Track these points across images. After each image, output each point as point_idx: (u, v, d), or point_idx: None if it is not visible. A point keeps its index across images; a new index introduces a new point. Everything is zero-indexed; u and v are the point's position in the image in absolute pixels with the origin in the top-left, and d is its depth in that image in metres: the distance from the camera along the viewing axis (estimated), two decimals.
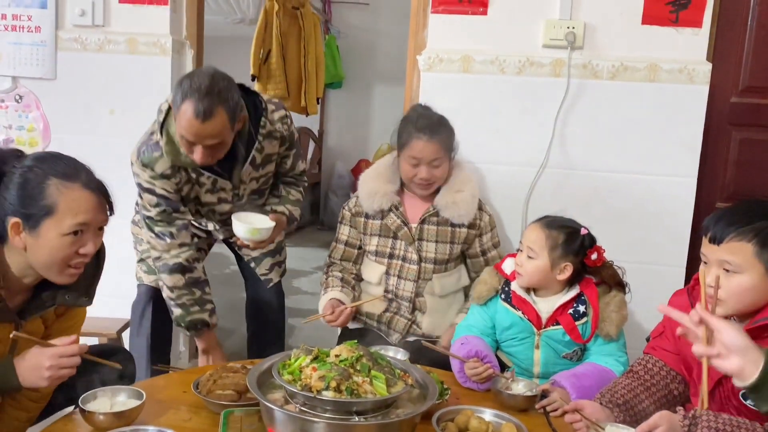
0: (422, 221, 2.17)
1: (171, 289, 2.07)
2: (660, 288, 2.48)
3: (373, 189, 2.20)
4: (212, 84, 1.81)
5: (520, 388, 1.71)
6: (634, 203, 2.53)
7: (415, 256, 2.17)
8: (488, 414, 1.53)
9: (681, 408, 1.33)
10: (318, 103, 5.80)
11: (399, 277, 2.19)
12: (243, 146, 2.04)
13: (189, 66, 2.81)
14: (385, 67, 6.63)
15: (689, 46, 2.45)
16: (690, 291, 1.59)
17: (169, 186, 2.01)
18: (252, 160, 2.07)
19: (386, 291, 2.21)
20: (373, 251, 2.23)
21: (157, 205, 2.02)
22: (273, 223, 2.08)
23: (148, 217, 2.04)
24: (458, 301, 2.26)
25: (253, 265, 2.41)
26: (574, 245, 1.83)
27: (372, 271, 2.24)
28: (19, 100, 2.74)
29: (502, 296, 1.93)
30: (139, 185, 2.03)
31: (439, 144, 2.11)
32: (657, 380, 1.60)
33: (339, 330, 2.34)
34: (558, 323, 1.84)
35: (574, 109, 2.50)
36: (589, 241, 1.86)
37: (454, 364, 1.81)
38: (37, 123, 2.74)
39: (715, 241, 1.39)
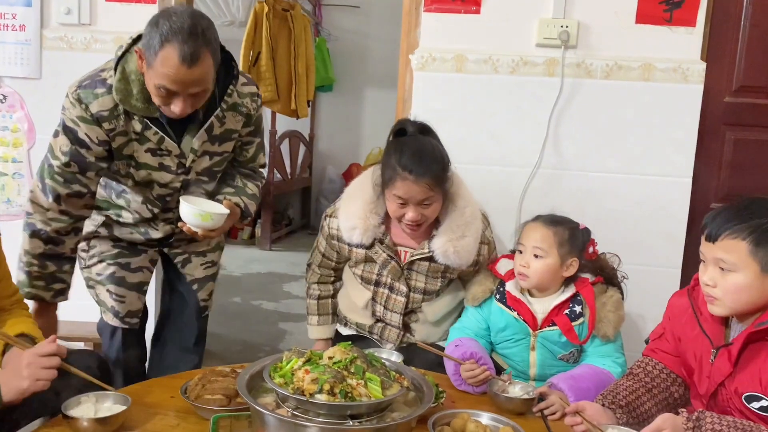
0: (414, 258, 1.96)
1: (25, 252, 1.82)
2: (655, 289, 2.47)
3: (352, 224, 1.93)
4: (195, 23, 1.61)
5: (516, 391, 1.68)
6: (628, 204, 2.51)
7: (403, 287, 1.98)
8: (485, 417, 1.49)
9: (684, 410, 1.30)
10: (309, 106, 5.78)
11: (385, 307, 2.02)
12: (202, 109, 1.80)
13: None
14: (376, 70, 6.61)
15: (683, 46, 2.43)
16: (690, 292, 1.56)
17: (94, 133, 1.73)
18: (209, 127, 1.82)
19: (374, 315, 2.06)
20: (359, 275, 2.04)
21: (66, 155, 1.75)
22: (227, 211, 1.82)
23: (49, 165, 1.78)
24: (457, 316, 2.07)
25: (195, 287, 2.12)
26: (578, 240, 1.83)
27: (358, 294, 2.06)
28: (3, 101, 2.68)
29: (497, 297, 1.89)
30: (62, 122, 1.76)
31: (429, 182, 1.81)
32: (657, 383, 1.58)
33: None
34: (554, 324, 1.80)
35: (568, 108, 2.48)
36: (587, 236, 1.87)
37: (449, 366, 1.77)
38: (22, 123, 2.68)
39: (711, 239, 1.38)
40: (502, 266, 1.93)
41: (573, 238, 1.82)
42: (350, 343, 1.33)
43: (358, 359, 1.26)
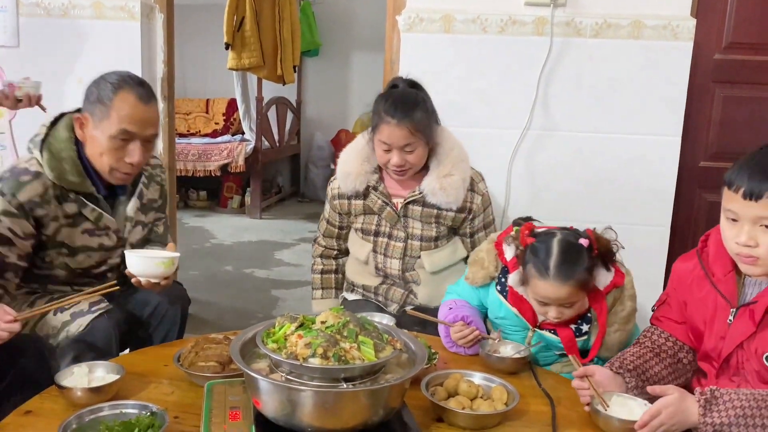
0: (407, 202, 2.03)
1: None
2: (645, 248, 2.49)
3: (347, 170, 2.05)
4: (135, 75, 1.74)
5: (508, 350, 1.69)
6: (618, 163, 2.51)
7: (401, 234, 2.06)
8: (477, 377, 1.50)
9: (697, 389, 1.28)
10: (295, 71, 5.69)
11: (385, 255, 2.10)
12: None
13: (159, 32, 2.71)
14: (362, 33, 6.51)
15: (673, 1, 2.41)
16: (699, 253, 1.50)
17: (19, 227, 1.65)
18: (140, 194, 1.86)
19: (376, 269, 2.13)
20: (359, 228, 2.13)
21: None
22: (177, 253, 1.79)
23: None
24: (457, 272, 2.08)
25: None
26: (590, 262, 1.58)
27: (360, 248, 2.14)
28: None
29: (498, 287, 1.76)
30: None
31: (410, 127, 1.89)
32: (665, 349, 1.54)
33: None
34: (555, 332, 1.67)
35: (558, 68, 2.45)
36: (590, 245, 1.60)
37: (441, 330, 1.77)
38: None
39: (753, 196, 1.27)
40: (508, 252, 1.74)
41: (590, 269, 1.58)
42: (342, 307, 1.33)
43: (350, 323, 1.26)
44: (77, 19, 2.58)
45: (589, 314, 1.66)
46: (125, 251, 1.75)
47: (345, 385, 1.18)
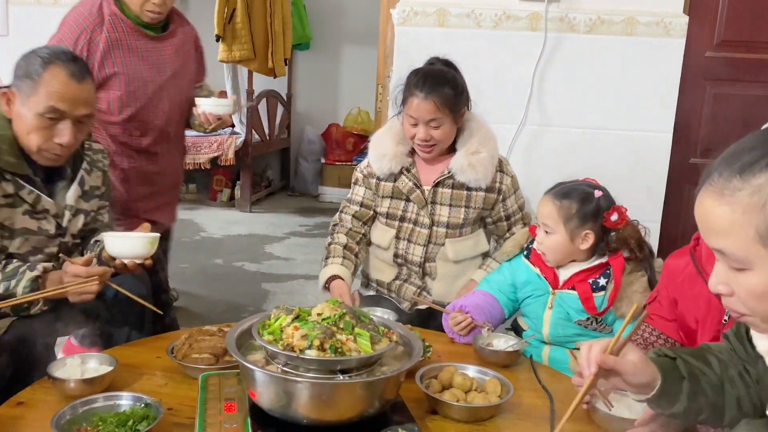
0: (436, 184, 2.04)
1: None
2: None
3: (381, 151, 2.06)
4: (70, 51, 1.67)
5: (501, 344, 1.70)
6: (610, 159, 2.52)
7: (426, 220, 2.06)
8: (471, 370, 1.51)
9: None
10: (286, 64, 5.67)
11: (409, 241, 2.09)
12: (68, 164, 1.76)
13: None
14: (353, 27, 6.49)
15: None
16: (692, 251, 1.50)
17: None
18: (81, 180, 1.78)
19: (396, 256, 2.11)
20: (385, 213, 2.11)
21: None
22: (157, 233, 1.73)
23: None
24: (474, 266, 2.14)
25: None
26: (590, 211, 1.70)
27: (382, 234, 2.13)
28: None
29: (525, 253, 1.88)
30: None
31: (436, 102, 1.91)
32: (657, 347, 1.52)
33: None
34: (574, 288, 1.75)
35: (552, 63, 2.46)
36: (606, 203, 1.72)
37: (445, 318, 1.81)
38: None
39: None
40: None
41: (583, 209, 1.70)
42: (338, 300, 1.33)
43: (346, 315, 1.26)
44: (68, 8, 2.54)
45: (607, 270, 1.71)
46: (103, 234, 1.71)
47: (341, 377, 1.18)
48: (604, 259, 1.74)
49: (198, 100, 2.18)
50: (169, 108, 2.24)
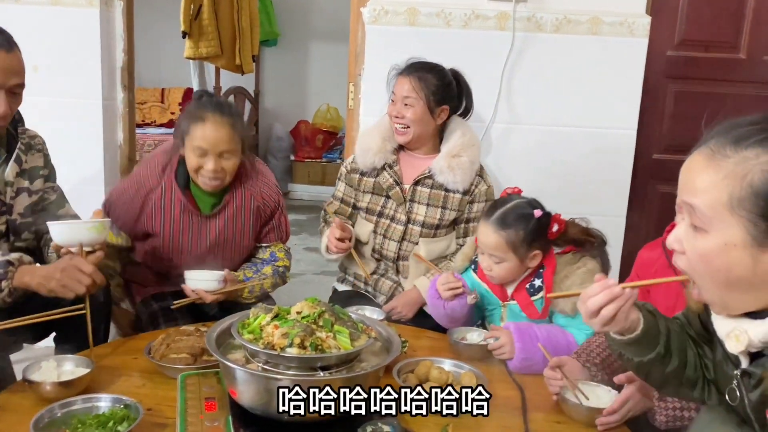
0: (416, 183, 2.11)
1: None
2: None
3: (367, 145, 2.13)
4: None
5: (475, 338, 1.74)
6: (577, 156, 2.58)
7: (403, 217, 2.12)
8: (447, 364, 1.54)
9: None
10: (253, 61, 5.62)
11: (384, 236, 2.14)
12: (3, 147, 1.74)
13: (119, 20, 2.64)
14: (321, 23, 6.47)
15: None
16: (665, 243, 1.55)
17: None
18: (17, 158, 1.75)
19: (373, 250, 2.17)
20: (364, 208, 2.18)
21: None
22: (107, 219, 1.71)
23: None
24: (444, 269, 2.09)
25: None
26: (534, 232, 1.69)
27: (361, 228, 2.19)
28: None
29: (472, 267, 1.89)
30: None
31: (412, 82, 2.04)
32: None
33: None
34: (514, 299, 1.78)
35: (520, 62, 2.51)
36: (545, 218, 1.72)
37: (433, 279, 1.84)
38: None
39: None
40: None
41: (528, 234, 1.69)
42: (317, 298, 1.35)
43: (326, 313, 1.28)
44: (33, 5, 2.49)
45: (541, 269, 1.74)
46: (48, 222, 1.64)
47: (321, 374, 1.20)
48: (537, 262, 1.74)
49: (186, 274, 1.87)
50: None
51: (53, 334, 1.82)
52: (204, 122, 1.84)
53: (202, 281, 1.84)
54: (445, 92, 2.09)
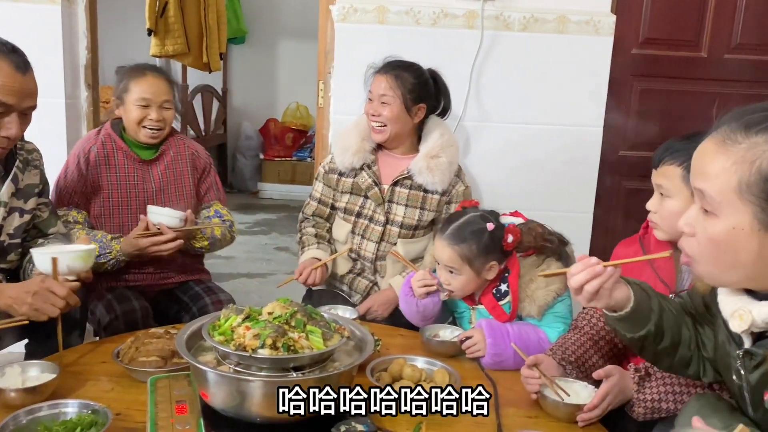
0: (395, 183, 2.11)
1: None
2: (569, 234, 2.59)
3: (345, 144, 2.12)
4: (7, 41, 1.60)
5: (447, 335, 1.75)
6: (544, 153, 2.61)
7: (382, 218, 2.11)
8: (420, 361, 1.55)
9: (632, 365, 1.39)
10: (221, 59, 5.56)
11: (363, 237, 2.14)
12: (0, 163, 1.71)
13: (81, 17, 2.58)
14: (289, 21, 6.43)
15: None
16: (642, 239, 1.59)
17: None
18: (14, 177, 1.72)
19: (351, 250, 2.16)
20: (343, 208, 2.17)
21: None
22: (93, 245, 1.69)
23: None
24: (421, 268, 2.10)
25: None
26: (488, 245, 1.68)
27: (339, 228, 2.19)
28: None
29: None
30: None
31: (388, 80, 2.06)
32: (602, 335, 1.58)
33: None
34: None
35: (488, 61, 2.52)
36: (499, 230, 1.70)
37: (408, 277, 1.85)
38: None
39: (654, 166, 1.46)
40: None
41: (481, 248, 1.68)
42: (289, 298, 1.34)
43: (298, 313, 1.27)
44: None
45: (506, 273, 1.74)
46: (32, 249, 1.62)
47: (294, 374, 1.19)
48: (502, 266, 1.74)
49: (149, 208, 1.99)
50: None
51: (25, 341, 1.78)
52: (145, 76, 2.05)
53: (165, 216, 1.96)
54: (421, 90, 2.10)
